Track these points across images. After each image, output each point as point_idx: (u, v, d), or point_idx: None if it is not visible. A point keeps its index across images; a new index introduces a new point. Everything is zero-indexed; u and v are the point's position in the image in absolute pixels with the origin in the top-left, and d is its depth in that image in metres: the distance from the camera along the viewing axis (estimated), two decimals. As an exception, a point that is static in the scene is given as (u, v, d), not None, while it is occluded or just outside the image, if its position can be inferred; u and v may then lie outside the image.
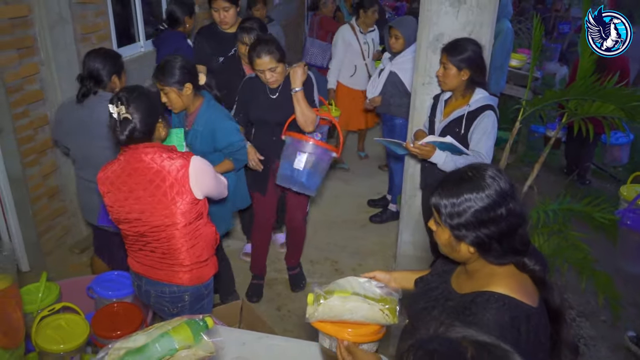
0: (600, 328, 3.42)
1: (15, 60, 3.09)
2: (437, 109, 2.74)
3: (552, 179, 5.35)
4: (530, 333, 1.25)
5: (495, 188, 1.25)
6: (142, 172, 1.93)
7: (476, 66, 2.52)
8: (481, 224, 1.25)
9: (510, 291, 1.28)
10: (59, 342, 2.23)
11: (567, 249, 2.81)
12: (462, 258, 1.35)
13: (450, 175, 1.35)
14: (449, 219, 1.28)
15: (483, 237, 1.26)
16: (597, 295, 2.92)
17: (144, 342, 1.41)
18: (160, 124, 1.98)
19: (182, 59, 2.57)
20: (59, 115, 2.78)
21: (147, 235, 2.01)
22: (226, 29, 3.52)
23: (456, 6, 2.62)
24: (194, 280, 2.10)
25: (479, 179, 1.27)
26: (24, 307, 2.22)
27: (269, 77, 2.82)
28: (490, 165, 1.32)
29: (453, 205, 1.27)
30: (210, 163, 2.10)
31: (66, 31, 3.38)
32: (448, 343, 0.91)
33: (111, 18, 3.99)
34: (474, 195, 1.25)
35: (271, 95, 2.95)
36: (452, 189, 1.29)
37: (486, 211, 1.24)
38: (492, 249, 1.28)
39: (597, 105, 2.77)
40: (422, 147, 2.55)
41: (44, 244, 3.50)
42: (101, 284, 2.58)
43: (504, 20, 4.40)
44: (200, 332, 1.47)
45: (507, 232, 1.26)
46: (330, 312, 1.54)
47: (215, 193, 2.12)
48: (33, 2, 3.14)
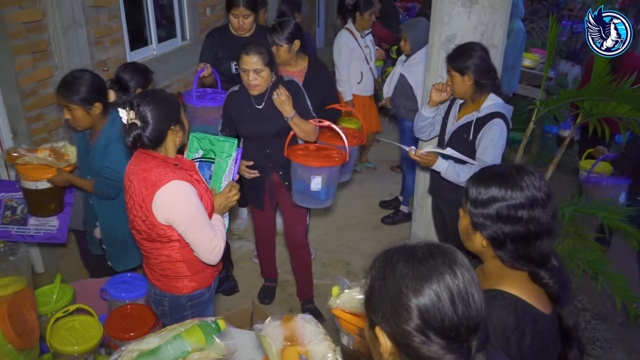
0: (617, 331, 3.38)
1: (29, 64, 3.12)
2: (451, 112, 2.72)
3: (566, 179, 5.29)
4: (535, 338, 1.25)
5: (526, 192, 1.27)
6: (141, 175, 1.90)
7: (481, 70, 2.45)
8: (499, 220, 1.27)
9: (521, 293, 1.29)
10: (73, 343, 2.25)
11: (582, 251, 2.78)
12: (475, 249, 1.38)
13: (494, 167, 1.42)
14: (472, 206, 1.32)
15: (499, 233, 1.28)
16: (613, 297, 2.89)
17: (156, 345, 1.42)
18: (172, 130, 1.90)
19: (92, 76, 2.43)
20: None
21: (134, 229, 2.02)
22: (243, 35, 3.46)
23: (468, 6, 2.60)
24: (168, 289, 2.07)
25: (515, 178, 1.29)
26: (38, 309, 2.25)
27: (252, 79, 2.65)
28: (536, 171, 1.33)
29: (479, 194, 1.30)
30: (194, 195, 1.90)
31: (79, 35, 3.41)
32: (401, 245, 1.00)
33: (124, 21, 4.02)
34: (502, 191, 1.28)
35: (257, 106, 2.80)
36: (486, 179, 1.32)
37: (507, 209, 1.26)
38: (505, 248, 1.29)
39: (612, 105, 2.74)
40: (423, 157, 2.53)
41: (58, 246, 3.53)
42: (114, 285, 2.59)
43: (515, 20, 4.38)
44: (212, 335, 1.48)
45: (525, 237, 1.27)
46: (351, 302, 1.62)
47: (190, 234, 1.91)
48: (47, 6, 3.17)
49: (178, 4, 4.94)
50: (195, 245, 1.93)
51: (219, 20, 5.59)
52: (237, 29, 3.42)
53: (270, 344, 1.53)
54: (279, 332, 1.57)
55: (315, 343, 1.54)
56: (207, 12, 5.30)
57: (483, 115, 2.49)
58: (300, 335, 1.56)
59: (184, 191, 1.86)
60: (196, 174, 1.99)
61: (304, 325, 1.60)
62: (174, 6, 4.91)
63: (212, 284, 2.16)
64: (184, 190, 1.86)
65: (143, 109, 1.81)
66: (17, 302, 1.99)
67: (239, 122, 2.85)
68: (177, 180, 1.84)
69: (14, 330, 1.91)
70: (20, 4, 3.00)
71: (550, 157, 5.32)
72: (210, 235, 1.93)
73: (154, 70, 2.92)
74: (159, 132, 1.85)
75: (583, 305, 3.59)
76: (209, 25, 5.37)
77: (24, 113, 3.11)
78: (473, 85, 2.49)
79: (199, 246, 1.93)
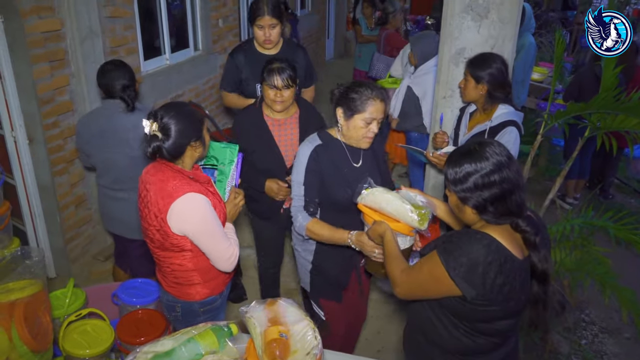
0: (624, 345, 3.37)
1: (47, 73, 3.19)
2: (462, 122, 2.75)
3: (574, 193, 5.29)
4: (501, 273, 1.48)
5: (491, 159, 1.50)
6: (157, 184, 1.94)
7: (496, 82, 2.50)
8: (477, 189, 1.51)
9: (500, 237, 1.52)
10: (84, 347, 2.28)
11: (589, 263, 2.79)
12: (468, 219, 1.61)
13: (459, 148, 1.62)
14: (453, 185, 1.56)
15: (480, 200, 1.51)
16: (621, 310, 2.88)
17: (171, 347, 1.45)
18: (192, 146, 1.92)
19: None
20: (78, 126, 2.87)
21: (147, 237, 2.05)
22: (269, 48, 3.12)
23: (478, 20, 2.64)
24: (181, 295, 2.10)
25: (479, 151, 1.52)
26: (52, 312, 2.28)
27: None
28: (493, 141, 1.57)
29: (456, 173, 1.54)
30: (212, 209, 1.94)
31: (96, 44, 3.49)
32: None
33: (139, 32, 4.10)
34: (472, 165, 1.51)
35: (354, 164, 2.27)
36: (458, 159, 1.55)
37: (482, 178, 1.50)
38: (488, 210, 1.53)
39: (620, 118, 2.75)
40: (441, 157, 2.57)
41: (70, 251, 3.58)
42: (126, 291, 2.63)
43: (526, 35, 4.41)
44: (224, 338, 1.51)
45: (501, 196, 1.50)
46: (374, 199, 1.97)
47: (207, 245, 1.95)
48: (65, 16, 3.25)
49: (191, 15, 5.02)
50: (212, 254, 1.97)
51: (231, 31, 5.67)
52: (263, 42, 3.09)
53: (255, 324, 1.61)
54: (264, 314, 1.65)
55: (296, 322, 1.64)
56: (219, 23, 5.38)
57: (496, 124, 2.53)
58: (283, 317, 1.65)
59: (199, 204, 1.90)
60: (211, 186, 2.03)
61: (286, 308, 1.69)
62: (187, 17, 5.00)
63: (224, 290, 2.19)
64: (199, 202, 1.90)
65: (166, 122, 1.84)
66: (32, 304, 2.02)
67: (334, 186, 2.22)
68: (193, 193, 1.88)
69: (29, 332, 1.94)
70: (39, 14, 3.07)
71: (558, 170, 5.33)
72: (225, 245, 1.98)
73: (167, 80, 2.96)
74: (179, 146, 1.88)
75: (590, 319, 3.59)
76: (221, 36, 5.46)
77: (41, 120, 3.18)
78: (485, 95, 2.53)
79: (215, 256, 1.97)
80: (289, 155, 2.71)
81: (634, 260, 3.02)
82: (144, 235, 2.05)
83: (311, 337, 1.59)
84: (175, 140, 1.86)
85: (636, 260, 2.97)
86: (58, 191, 3.41)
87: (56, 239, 3.47)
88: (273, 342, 1.53)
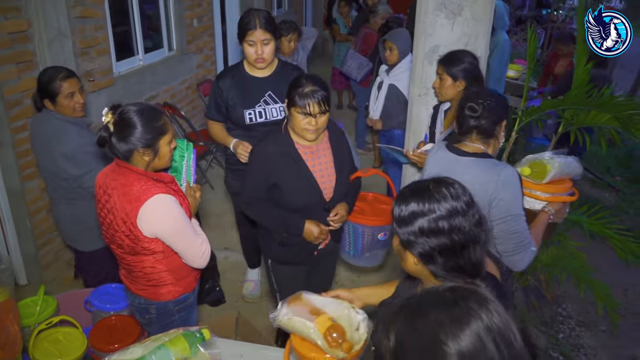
0: (601, 337, 3.42)
1: (14, 75, 3.10)
2: (437, 120, 2.75)
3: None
4: None
5: (444, 203, 1.26)
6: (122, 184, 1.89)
7: (472, 77, 2.51)
8: (423, 234, 1.26)
9: None
10: (56, 355, 2.23)
11: (564, 258, 2.82)
12: (410, 269, 1.35)
13: (413, 183, 1.37)
14: (397, 225, 1.30)
15: (426, 247, 1.26)
16: (596, 304, 2.92)
17: (140, 355, 1.41)
18: (139, 152, 1.84)
19: None
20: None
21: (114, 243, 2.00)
22: (262, 67, 2.77)
23: (451, 18, 2.65)
24: (154, 297, 2.07)
25: (432, 191, 1.28)
26: (21, 321, 2.22)
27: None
28: (455, 182, 1.32)
29: (401, 211, 1.29)
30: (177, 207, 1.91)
31: (65, 45, 3.41)
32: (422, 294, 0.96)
33: (110, 32, 4.02)
34: (420, 205, 1.26)
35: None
36: (406, 196, 1.30)
37: (428, 222, 1.25)
38: (436, 262, 1.27)
39: (592, 114, 2.78)
40: (421, 155, 2.56)
41: (42, 257, 3.49)
42: (99, 297, 2.57)
43: (501, 32, 4.45)
44: (196, 344, 1.48)
45: (451, 248, 1.25)
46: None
47: (180, 244, 1.94)
48: (32, 17, 3.17)
49: (165, 15, 4.96)
50: (185, 253, 1.97)
51: (206, 31, 5.61)
52: (254, 61, 2.72)
53: (304, 321, 1.59)
54: (302, 310, 1.64)
55: (329, 304, 1.66)
56: (194, 23, 5.32)
57: None
58: (318, 306, 1.66)
59: (168, 205, 1.88)
60: (175, 185, 2.00)
61: (313, 298, 1.70)
62: (160, 17, 4.93)
63: (195, 287, 2.20)
64: (168, 203, 1.88)
65: (121, 118, 1.81)
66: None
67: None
68: (161, 194, 1.86)
69: (-5, 342, 1.89)
70: (5, 14, 2.99)
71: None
72: (198, 242, 1.98)
73: (141, 81, 2.91)
74: (125, 146, 1.83)
75: (567, 313, 3.63)
76: (196, 36, 5.39)
77: (8, 123, 3.09)
78: (463, 91, 2.53)
79: (188, 254, 1.97)
80: (326, 186, 2.36)
81: (609, 253, 3.06)
82: (110, 242, 2.01)
83: (353, 313, 1.63)
84: (122, 138, 1.81)
85: (611, 253, 3.01)
86: (28, 196, 3.32)
87: (27, 245, 3.38)
88: (330, 330, 1.56)
